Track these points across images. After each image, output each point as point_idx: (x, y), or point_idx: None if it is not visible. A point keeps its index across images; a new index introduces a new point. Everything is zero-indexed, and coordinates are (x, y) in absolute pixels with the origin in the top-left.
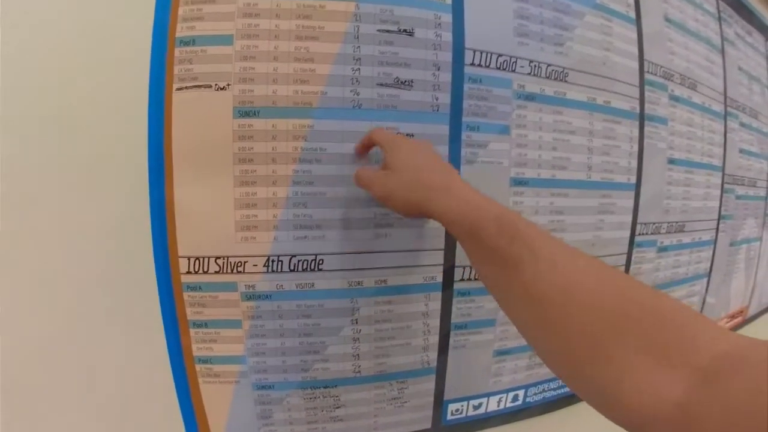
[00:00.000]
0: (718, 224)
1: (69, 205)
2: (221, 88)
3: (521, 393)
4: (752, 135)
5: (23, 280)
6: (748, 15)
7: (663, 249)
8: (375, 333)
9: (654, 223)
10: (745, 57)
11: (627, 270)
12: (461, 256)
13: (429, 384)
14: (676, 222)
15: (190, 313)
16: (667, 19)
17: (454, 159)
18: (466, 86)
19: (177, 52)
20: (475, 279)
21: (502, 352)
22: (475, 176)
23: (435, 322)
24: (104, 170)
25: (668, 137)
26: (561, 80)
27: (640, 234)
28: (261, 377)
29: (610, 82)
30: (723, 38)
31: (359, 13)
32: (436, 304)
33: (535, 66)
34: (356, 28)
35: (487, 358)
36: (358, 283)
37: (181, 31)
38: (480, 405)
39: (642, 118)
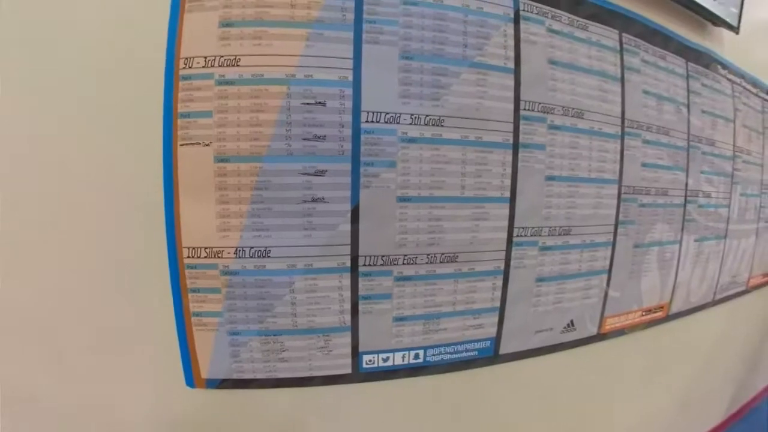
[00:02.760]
0: (616, 228)
1: (113, 217)
2: (206, 145)
3: (421, 353)
4: (661, 150)
5: (70, 266)
6: (663, 41)
7: (546, 248)
8: (306, 299)
9: (533, 227)
10: (655, 81)
11: (508, 264)
12: (364, 248)
13: (346, 338)
14: (560, 226)
15: (189, 283)
16: (552, 62)
17: (355, 186)
18: (363, 136)
19: (180, 122)
20: (374, 264)
21: (399, 318)
22: (370, 196)
23: (347, 294)
24: (137, 200)
25: (546, 159)
26: (438, 125)
27: (518, 236)
28: (232, 327)
29: (483, 122)
30: (624, 68)
31: (290, 92)
32: (346, 281)
33: (415, 117)
34: (288, 103)
35: (388, 322)
36: (293, 266)
37: (181, 108)
38: (388, 358)
39: (516, 147)
